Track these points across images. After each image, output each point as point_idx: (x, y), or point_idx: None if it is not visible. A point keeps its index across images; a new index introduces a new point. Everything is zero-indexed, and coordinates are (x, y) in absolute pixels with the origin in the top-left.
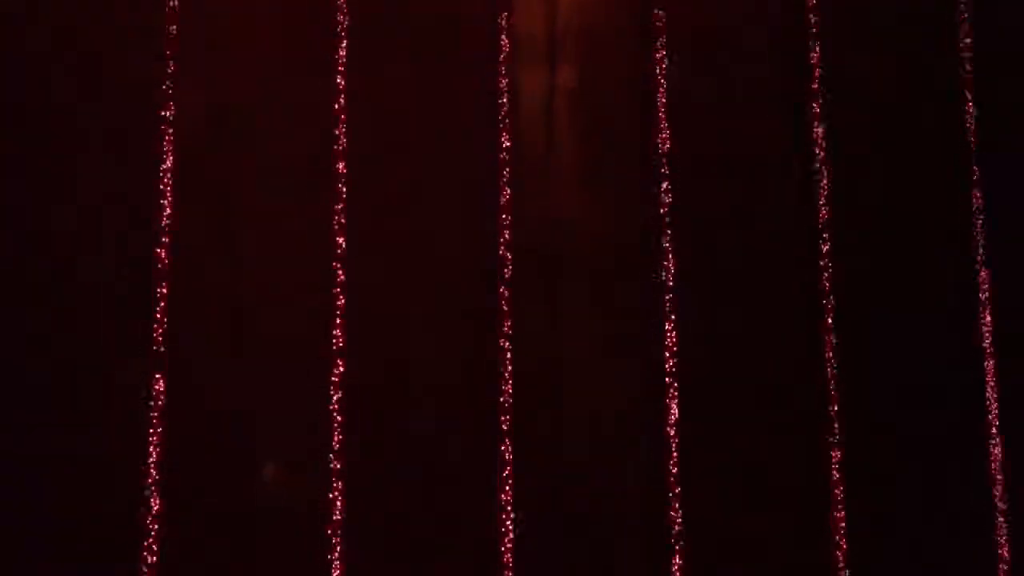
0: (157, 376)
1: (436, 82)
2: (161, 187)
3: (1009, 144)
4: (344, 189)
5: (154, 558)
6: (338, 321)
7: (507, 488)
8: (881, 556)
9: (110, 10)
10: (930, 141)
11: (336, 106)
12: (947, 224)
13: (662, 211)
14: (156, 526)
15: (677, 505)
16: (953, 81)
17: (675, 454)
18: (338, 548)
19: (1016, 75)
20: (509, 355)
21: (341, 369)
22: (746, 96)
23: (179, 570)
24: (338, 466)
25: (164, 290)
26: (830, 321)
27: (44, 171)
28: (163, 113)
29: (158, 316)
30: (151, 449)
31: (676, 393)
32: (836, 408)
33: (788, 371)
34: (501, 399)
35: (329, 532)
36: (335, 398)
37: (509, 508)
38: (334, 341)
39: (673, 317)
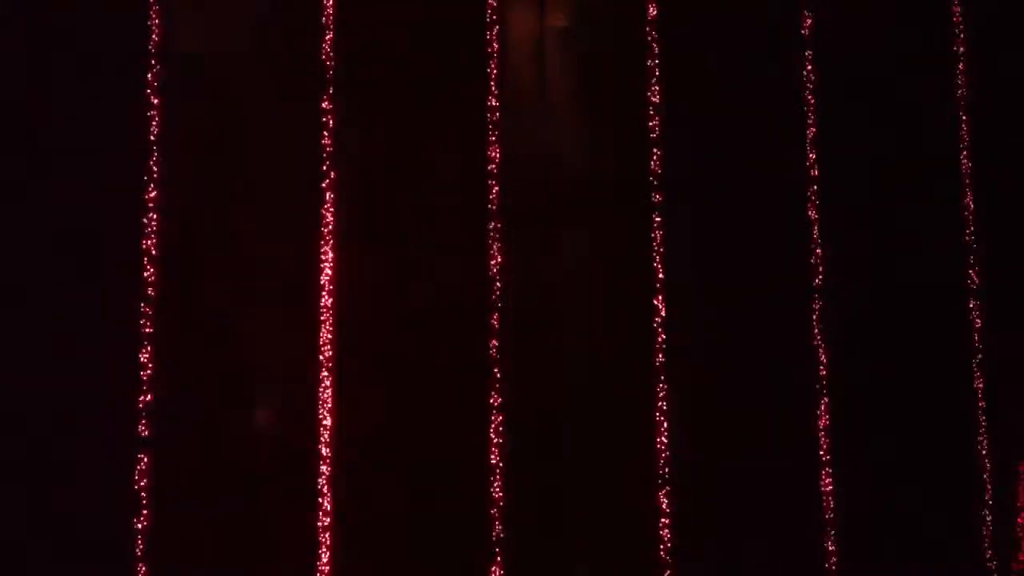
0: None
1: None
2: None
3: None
4: (330, 140)
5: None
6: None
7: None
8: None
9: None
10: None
11: (324, 49)
12: (942, 222)
13: (654, 148)
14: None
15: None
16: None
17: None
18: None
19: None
20: (498, 317)
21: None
22: (739, 35)
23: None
24: (327, 452)
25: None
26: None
27: (36, 160)
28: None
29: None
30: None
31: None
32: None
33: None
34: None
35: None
36: (324, 343)
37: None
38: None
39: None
